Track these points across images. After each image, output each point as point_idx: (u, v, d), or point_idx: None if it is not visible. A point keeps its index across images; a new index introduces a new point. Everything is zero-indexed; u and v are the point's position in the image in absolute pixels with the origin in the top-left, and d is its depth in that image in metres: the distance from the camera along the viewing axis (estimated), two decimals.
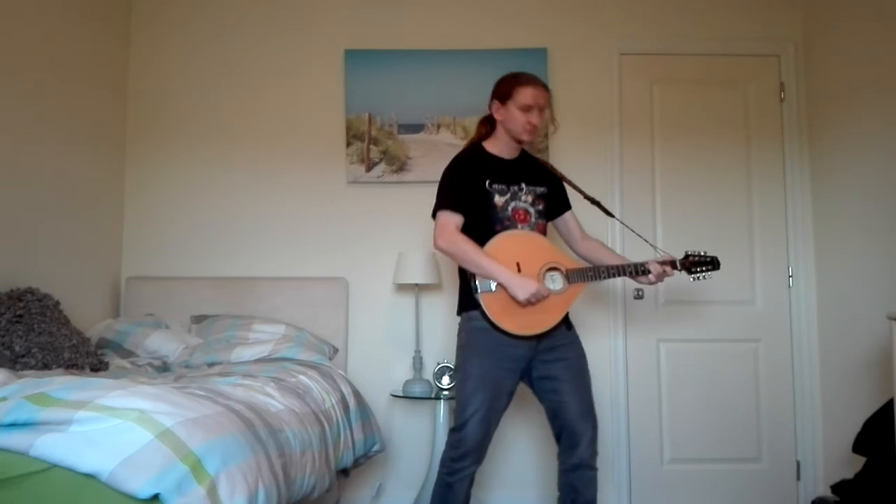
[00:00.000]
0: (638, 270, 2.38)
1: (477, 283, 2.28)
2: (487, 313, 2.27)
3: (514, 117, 2.37)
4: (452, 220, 2.33)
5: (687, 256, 2.45)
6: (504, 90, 2.39)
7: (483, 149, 2.45)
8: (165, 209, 3.44)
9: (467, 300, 2.35)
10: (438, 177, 2.42)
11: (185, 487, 1.40)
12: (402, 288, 3.35)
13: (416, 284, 3.17)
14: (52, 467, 1.35)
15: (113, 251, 3.38)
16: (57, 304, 2.59)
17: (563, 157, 3.41)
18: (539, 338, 2.32)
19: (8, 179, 2.62)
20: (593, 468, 2.33)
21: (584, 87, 3.46)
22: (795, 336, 3.36)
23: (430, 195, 2.41)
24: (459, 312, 2.40)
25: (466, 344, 2.34)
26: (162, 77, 3.49)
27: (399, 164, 3.39)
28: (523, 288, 2.23)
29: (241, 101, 3.47)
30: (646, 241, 2.77)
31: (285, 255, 3.41)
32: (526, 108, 2.35)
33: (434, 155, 3.32)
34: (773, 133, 3.45)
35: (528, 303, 2.24)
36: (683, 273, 2.44)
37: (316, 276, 3.37)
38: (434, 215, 2.40)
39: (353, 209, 3.41)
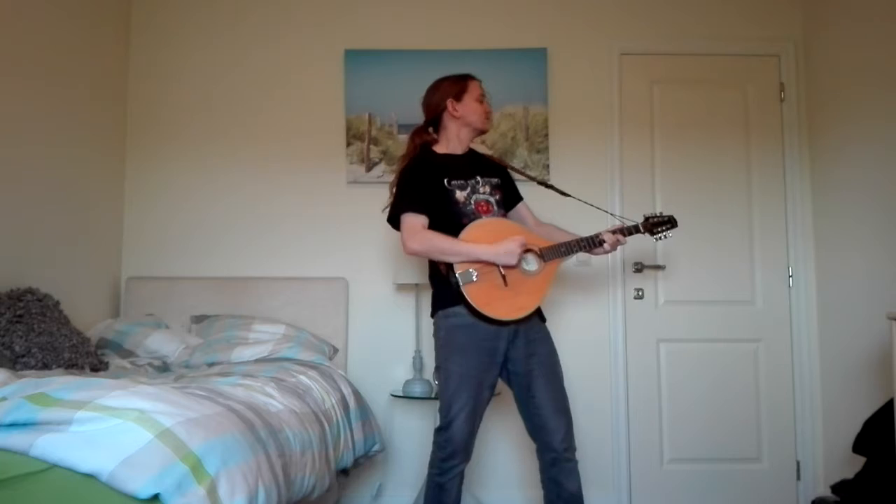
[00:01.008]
0: (595, 242, 2.41)
1: (458, 276, 2.28)
2: (474, 304, 2.27)
3: (473, 109, 2.47)
4: (419, 220, 2.34)
5: (647, 219, 2.51)
6: (457, 88, 2.50)
7: (433, 151, 2.49)
8: (165, 209, 3.44)
9: (442, 299, 2.36)
10: None
11: (185, 487, 1.40)
12: (402, 288, 3.35)
13: (416, 284, 3.17)
14: (51, 467, 1.35)
15: (113, 251, 3.38)
16: (57, 304, 2.59)
17: (563, 157, 3.42)
18: (517, 329, 2.33)
19: (8, 179, 2.62)
20: (571, 459, 2.34)
21: (584, 87, 3.46)
22: (795, 336, 3.36)
23: None
24: (434, 313, 2.41)
25: (446, 343, 2.35)
26: (162, 78, 3.49)
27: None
28: (508, 252, 2.26)
29: (241, 101, 3.47)
30: (605, 211, 2.87)
31: (285, 255, 3.41)
32: (480, 99, 2.49)
33: None
34: (773, 133, 3.45)
35: (520, 265, 2.27)
36: (647, 235, 2.50)
37: (316, 276, 3.37)
38: (392, 219, 2.42)
39: (353, 209, 3.41)
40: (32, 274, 2.70)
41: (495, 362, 2.33)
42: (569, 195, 2.66)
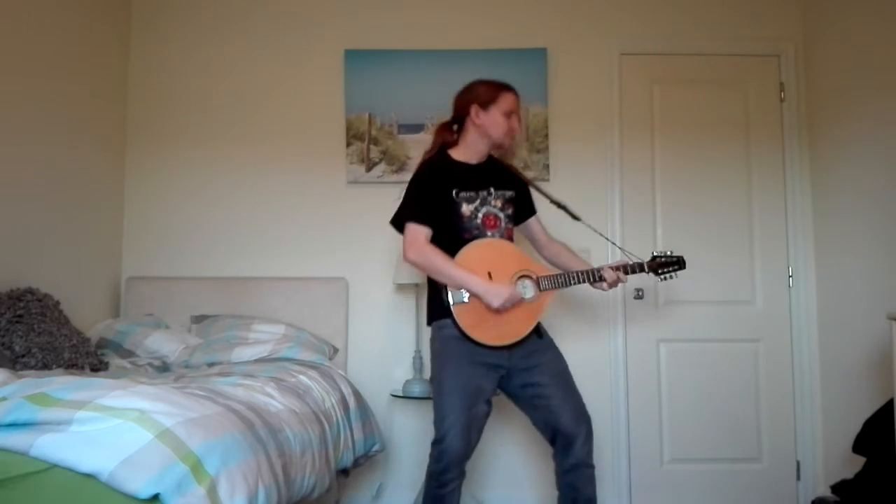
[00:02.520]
0: (594, 276, 2.38)
1: (449, 295, 2.27)
2: (460, 325, 2.26)
3: (496, 122, 2.38)
4: (422, 231, 2.31)
5: (654, 258, 2.46)
6: (487, 95, 2.39)
7: (449, 156, 2.44)
8: (165, 209, 3.44)
9: (437, 309, 2.34)
10: None
11: (185, 487, 1.40)
12: (402, 288, 3.35)
13: (416, 284, 3.17)
14: (51, 467, 1.35)
15: (113, 251, 3.38)
16: (57, 304, 2.59)
17: (562, 158, 3.42)
18: (511, 348, 2.31)
19: (8, 179, 2.62)
20: (591, 465, 2.32)
21: (584, 87, 3.46)
22: (795, 336, 3.36)
23: None
24: (430, 322, 2.39)
25: (440, 353, 2.33)
26: (162, 77, 3.49)
27: (399, 164, 3.39)
28: (497, 295, 2.23)
29: (242, 101, 3.47)
30: (613, 243, 2.84)
31: (285, 256, 3.41)
32: (508, 114, 2.39)
33: None
34: (773, 133, 3.44)
35: (503, 308, 2.24)
36: (651, 275, 2.45)
37: (316, 276, 3.37)
38: (396, 223, 2.40)
39: (353, 209, 3.41)
40: (32, 274, 2.70)
41: (490, 373, 2.30)
42: (579, 219, 2.58)
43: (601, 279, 2.38)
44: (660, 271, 2.44)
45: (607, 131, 3.43)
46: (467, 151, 2.45)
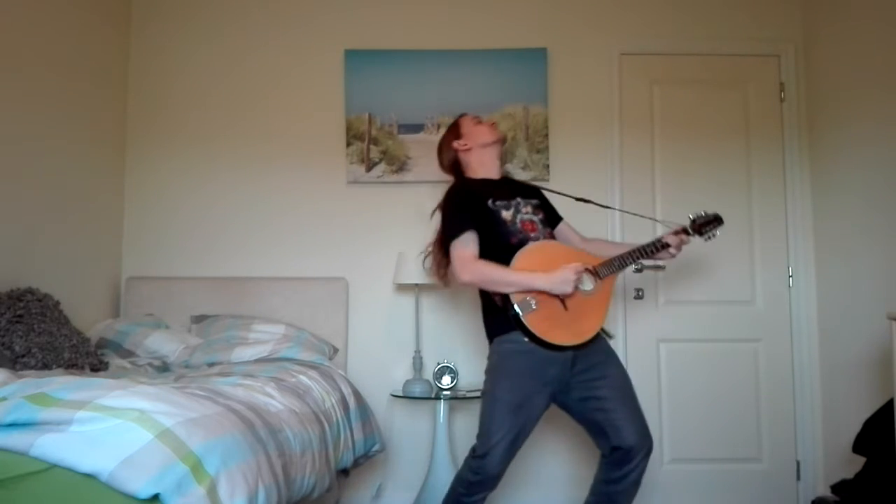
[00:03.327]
0: (658, 246, 2.37)
1: (517, 306, 2.21)
2: (536, 333, 2.21)
3: (476, 131, 2.53)
4: (469, 250, 2.30)
5: (694, 221, 2.45)
6: (453, 134, 2.58)
7: (471, 178, 2.50)
8: (165, 209, 3.44)
9: (498, 324, 2.30)
10: (438, 177, 2.42)
11: (185, 487, 1.39)
12: (402, 288, 3.35)
13: (416, 284, 3.17)
14: (52, 467, 1.35)
15: (113, 251, 3.38)
16: (57, 304, 2.59)
17: (562, 157, 3.42)
18: (575, 356, 2.27)
19: (8, 179, 2.62)
20: (638, 483, 2.29)
21: (584, 87, 3.46)
22: (795, 336, 3.36)
23: (429, 195, 2.42)
24: (492, 338, 2.35)
25: (496, 367, 2.29)
26: (162, 77, 3.49)
27: (399, 164, 3.39)
28: (564, 280, 2.20)
29: (241, 100, 3.47)
30: (649, 218, 2.85)
31: (285, 255, 3.41)
32: (476, 122, 2.58)
33: (434, 155, 3.30)
34: (773, 133, 3.44)
35: (576, 289, 2.22)
36: (696, 237, 2.45)
37: (316, 276, 3.36)
38: (445, 246, 2.38)
39: (353, 209, 3.41)
40: (32, 274, 2.70)
41: (546, 391, 2.27)
42: (609, 207, 2.64)
43: (665, 247, 2.37)
44: (703, 231, 2.44)
45: (607, 131, 3.43)
46: (482, 170, 2.51)
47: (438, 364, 3.09)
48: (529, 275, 2.23)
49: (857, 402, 2.95)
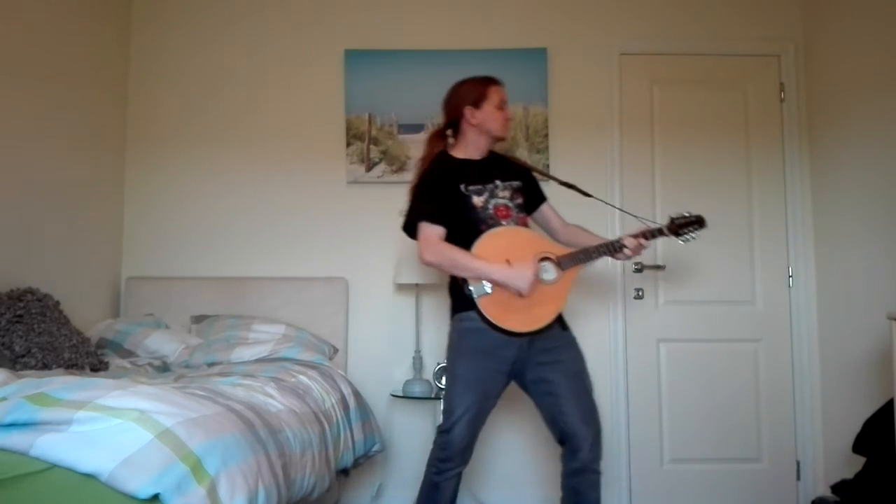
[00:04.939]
0: (614, 247, 2.36)
1: (471, 288, 2.25)
2: (488, 317, 2.25)
3: (492, 117, 2.41)
4: (435, 231, 2.30)
5: (672, 221, 2.42)
6: (476, 94, 2.42)
7: (450, 156, 2.45)
8: (165, 209, 3.44)
9: (459, 302, 2.34)
10: None
11: (185, 487, 1.40)
12: (402, 288, 3.34)
13: (416, 284, 3.17)
14: (52, 467, 1.35)
15: (113, 251, 3.38)
16: (57, 304, 2.59)
17: (562, 158, 3.42)
18: (532, 338, 2.30)
19: (8, 180, 2.62)
20: (596, 472, 2.31)
21: (584, 87, 3.46)
22: (795, 336, 3.36)
23: None
24: (452, 314, 2.39)
25: (455, 344, 2.33)
26: (162, 77, 3.49)
27: (399, 164, 3.39)
28: (522, 277, 2.22)
29: (241, 101, 3.47)
30: (629, 213, 2.83)
31: (285, 255, 3.41)
32: (500, 105, 2.42)
33: None
34: (773, 133, 3.44)
35: (530, 291, 2.23)
36: (672, 238, 2.42)
37: (316, 276, 3.36)
38: (407, 227, 2.39)
39: (353, 209, 3.41)
40: (32, 274, 2.70)
41: (504, 371, 2.30)
42: (591, 195, 2.62)
43: (621, 248, 2.35)
44: (680, 232, 2.41)
45: (607, 131, 3.43)
46: (468, 149, 2.46)
47: (438, 364, 3.09)
48: (489, 265, 2.24)
49: (856, 403, 2.95)
